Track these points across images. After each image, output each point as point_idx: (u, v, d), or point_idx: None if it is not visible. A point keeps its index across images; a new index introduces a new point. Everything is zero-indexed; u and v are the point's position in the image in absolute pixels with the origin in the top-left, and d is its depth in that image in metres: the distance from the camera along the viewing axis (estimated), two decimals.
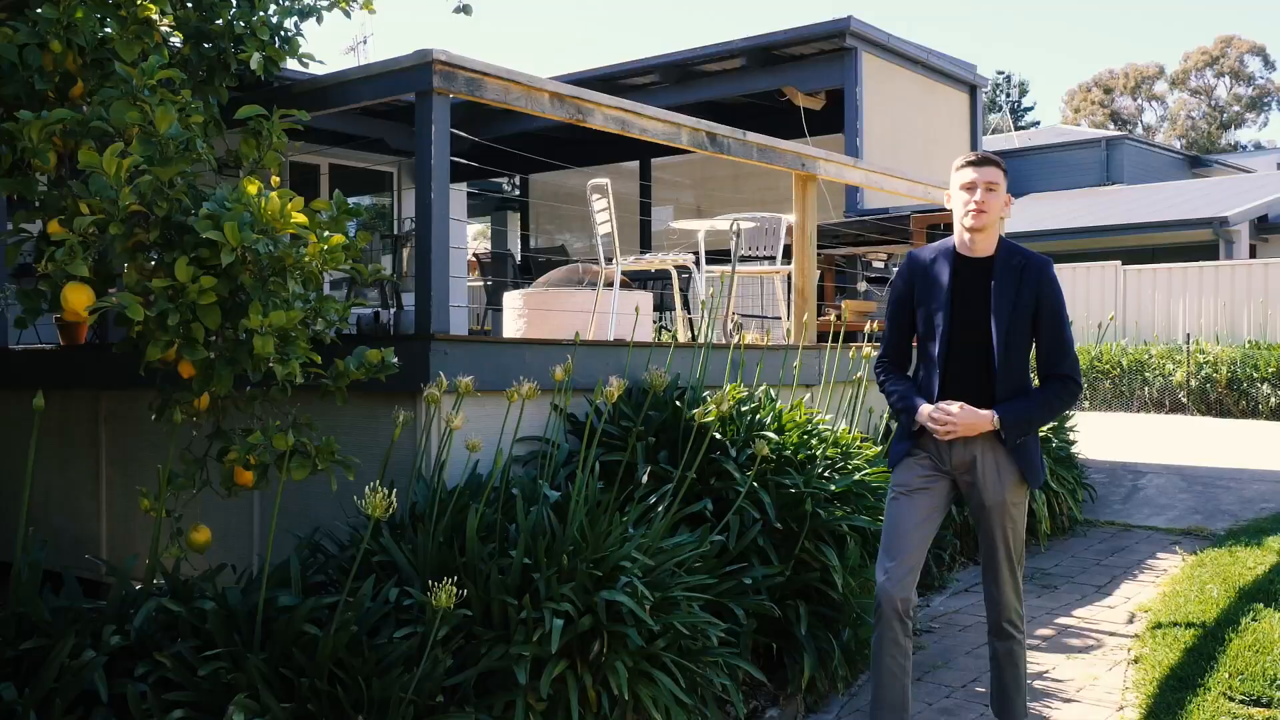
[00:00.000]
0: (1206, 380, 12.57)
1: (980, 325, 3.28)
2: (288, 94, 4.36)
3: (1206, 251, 16.91)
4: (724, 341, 5.57)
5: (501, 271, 11.03)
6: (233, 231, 2.85)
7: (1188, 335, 13.44)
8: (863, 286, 7.55)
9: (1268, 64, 49.64)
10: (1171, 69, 51.42)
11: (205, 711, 2.66)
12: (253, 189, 3.11)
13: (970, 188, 3.28)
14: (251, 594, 3.07)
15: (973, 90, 9.36)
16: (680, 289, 8.03)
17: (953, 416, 3.24)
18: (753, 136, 5.29)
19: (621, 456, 4.11)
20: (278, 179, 3.31)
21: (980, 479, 3.31)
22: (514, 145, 9.33)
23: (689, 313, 6.39)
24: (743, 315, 7.17)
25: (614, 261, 5.40)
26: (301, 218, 3.04)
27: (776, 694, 3.93)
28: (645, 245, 11.04)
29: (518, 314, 6.26)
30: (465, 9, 5.30)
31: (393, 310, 4.77)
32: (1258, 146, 46.34)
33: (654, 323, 6.70)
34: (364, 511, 2.69)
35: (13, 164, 4.08)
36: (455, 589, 2.73)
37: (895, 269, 7.49)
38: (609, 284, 5.45)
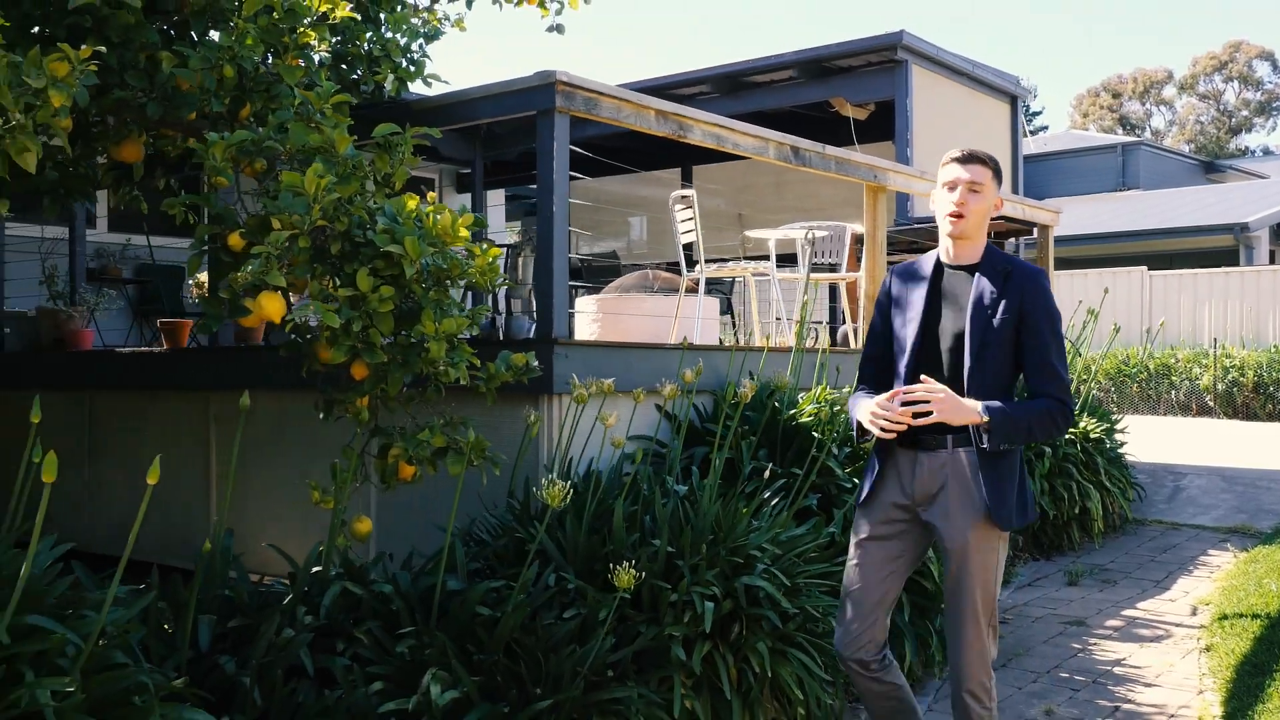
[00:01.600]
0: (1233, 384, 12.81)
1: (954, 338, 2.92)
2: (408, 112, 4.61)
3: (1226, 257, 17.16)
4: (786, 345, 5.82)
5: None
6: (413, 245, 3.10)
7: (1214, 340, 13.67)
8: None
9: (1276, 69, 49.86)
10: (1180, 74, 51.63)
11: (399, 684, 2.91)
12: (411, 204, 3.37)
13: (952, 186, 2.92)
14: (420, 579, 3.32)
15: (1014, 100, 9.61)
16: (726, 293, 8.28)
17: (937, 394, 2.79)
18: (831, 150, 5.55)
19: (718, 454, 4.37)
20: (434, 195, 3.56)
21: (943, 516, 2.89)
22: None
23: (764, 318, 6.65)
24: (812, 322, 7.41)
25: (698, 268, 5.65)
26: (466, 233, 3.30)
27: None
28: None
29: (591, 318, 6.51)
30: (558, 28, 5.57)
31: (503, 315, 5.02)
32: (1266, 151, 46.52)
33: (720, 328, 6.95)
34: (543, 500, 2.95)
35: (145, 175, 4.35)
36: (610, 573, 2.98)
37: None
38: (691, 290, 5.70)
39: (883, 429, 2.87)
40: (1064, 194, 23.22)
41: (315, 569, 3.34)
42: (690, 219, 5.75)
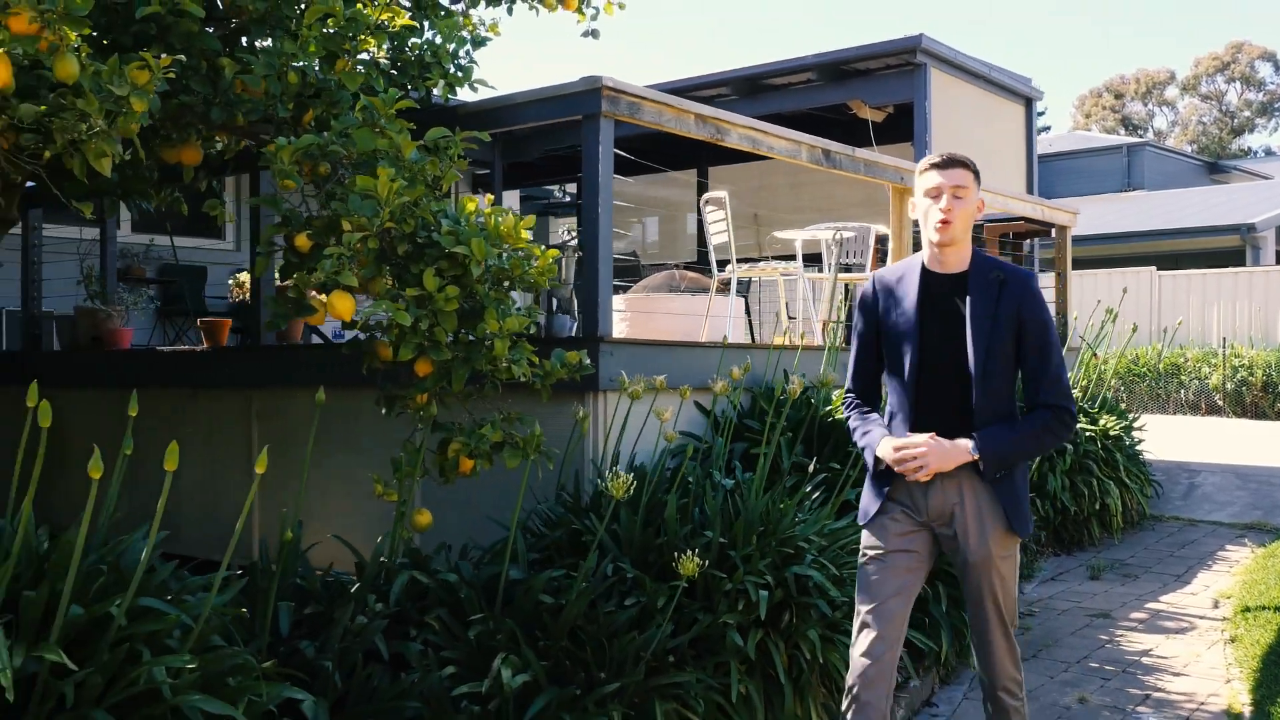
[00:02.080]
0: (1242, 384, 12.93)
1: (955, 350, 2.86)
2: (453, 116, 4.73)
3: (1232, 257, 17.27)
4: (818, 343, 5.95)
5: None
6: (479, 246, 3.22)
7: (1223, 339, 13.79)
8: None
9: (1278, 69, 49.96)
10: (1182, 74, 51.71)
11: (470, 668, 3.03)
12: (471, 206, 3.49)
13: (935, 194, 2.86)
14: (482, 568, 3.44)
15: (1028, 102, 9.73)
16: (744, 293, 8.40)
17: (920, 449, 2.80)
18: (860, 152, 5.67)
19: (765, 449, 4.49)
20: (491, 197, 3.67)
21: (962, 531, 2.86)
22: (576, 153, 9.67)
23: (792, 316, 6.77)
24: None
25: (728, 269, 5.76)
26: (526, 235, 3.42)
27: (915, 666, 4.29)
28: (701, 247, 11.45)
29: (620, 317, 6.63)
30: (593, 33, 5.67)
31: (543, 314, 5.15)
32: (1268, 152, 46.62)
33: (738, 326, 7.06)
34: (605, 492, 3.06)
35: (194, 177, 4.45)
36: (674, 561, 3.10)
37: None
38: (721, 290, 5.81)
39: (914, 470, 2.81)
40: (1069, 194, 23.33)
41: (382, 559, 3.45)
42: (722, 220, 5.87)
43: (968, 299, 2.86)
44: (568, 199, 13.88)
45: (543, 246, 3.50)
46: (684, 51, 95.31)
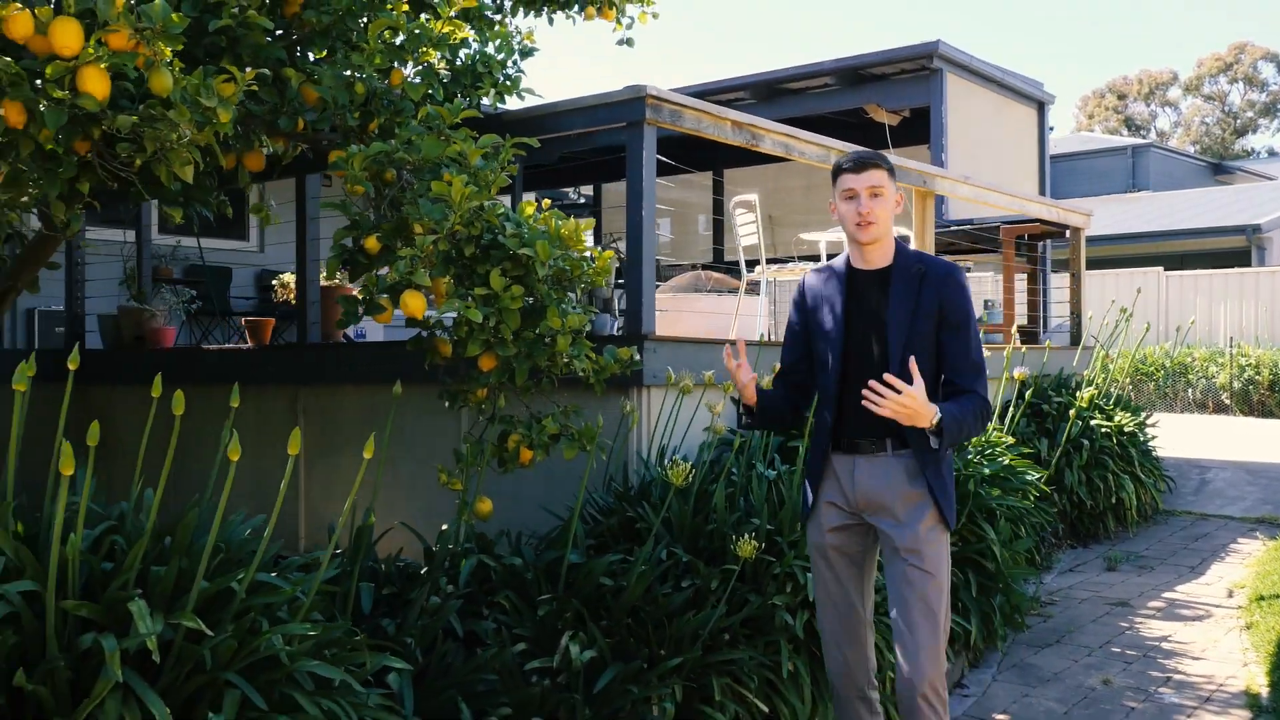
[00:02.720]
0: (1249, 382, 13.11)
1: (878, 345, 2.90)
2: (500, 123, 4.92)
3: (1237, 258, 17.46)
4: None
5: None
6: (544, 249, 3.41)
7: (1230, 339, 13.97)
8: None
9: None
10: (1185, 75, 51.93)
11: (538, 645, 3.22)
12: (529, 210, 3.69)
13: (852, 196, 2.91)
14: (543, 553, 3.63)
15: (1041, 106, 9.92)
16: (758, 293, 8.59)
17: (902, 395, 2.71)
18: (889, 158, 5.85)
19: (799, 442, 4.67)
20: (548, 201, 3.86)
21: (890, 520, 2.89)
22: (592, 157, 9.84)
23: None
24: None
25: (757, 270, 5.95)
26: (584, 238, 3.61)
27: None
28: (717, 246, 11.66)
29: None
30: (628, 41, 5.87)
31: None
32: (1271, 153, 46.76)
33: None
34: (665, 480, 3.25)
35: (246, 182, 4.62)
36: (732, 544, 3.29)
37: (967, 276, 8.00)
38: (750, 290, 6.00)
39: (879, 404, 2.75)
40: (1074, 195, 23.53)
41: (450, 545, 3.64)
42: (752, 222, 6.06)
43: (890, 293, 2.92)
44: (582, 200, 14.06)
45: (600, 248, 3.69)
46: (692, 56, 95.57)
